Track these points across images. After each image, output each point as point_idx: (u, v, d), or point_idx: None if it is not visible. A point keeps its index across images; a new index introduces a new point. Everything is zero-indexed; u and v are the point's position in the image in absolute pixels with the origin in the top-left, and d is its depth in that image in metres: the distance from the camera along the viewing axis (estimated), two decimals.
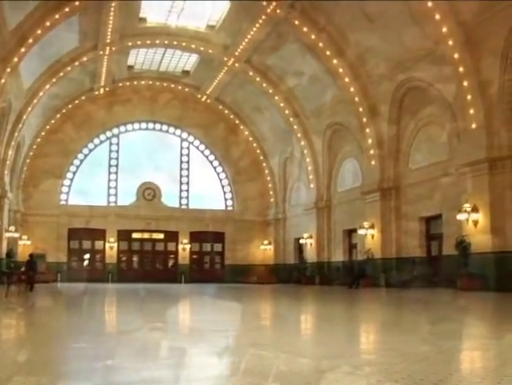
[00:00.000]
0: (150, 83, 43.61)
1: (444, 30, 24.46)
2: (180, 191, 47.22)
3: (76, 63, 35.19)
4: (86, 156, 45.36)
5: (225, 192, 48.08)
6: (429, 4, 24.29)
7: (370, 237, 31.69)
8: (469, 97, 24.62)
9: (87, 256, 45.33)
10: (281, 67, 36.32)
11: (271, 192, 46.82)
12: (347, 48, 30.64)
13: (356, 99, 32.02)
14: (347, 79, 31.87)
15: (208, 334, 8.59)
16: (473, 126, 24.60)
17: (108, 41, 34.03)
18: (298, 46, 32.27)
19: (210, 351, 6.80)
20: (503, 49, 22.68)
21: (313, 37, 30.85)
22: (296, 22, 30.52)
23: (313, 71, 33.70)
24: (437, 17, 24.36)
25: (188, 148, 47.64)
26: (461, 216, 24.44)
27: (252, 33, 33.17)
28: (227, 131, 46.46)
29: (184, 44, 36.29)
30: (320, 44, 31.00)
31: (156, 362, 5.93)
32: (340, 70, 31.70)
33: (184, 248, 46.20)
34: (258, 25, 32.14)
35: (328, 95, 34.46)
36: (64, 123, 43.17)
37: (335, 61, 31.38)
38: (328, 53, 31.21)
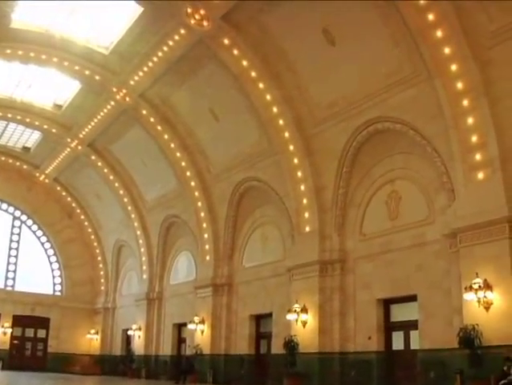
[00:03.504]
0: None
1: (287, 135, 25.08)
2: (7, 271, 43.81)
3: None
4: None
5: (54, 276, 45.41)
6: (274, 110, 24.95)
7: (199, 332, 30.76)
8: (304, 201, 25.11)
9: None
10: (124, 154, 35.49)
11: (102, 280, 44.97)
12: (191, 143, 30.56)
13: (196, 193, 31.74)
14: (188, 173, 31.63)
15: None
16: (307, 229, 25.02)
17: None
18: (144, 135, 31.76)
19: None
20: (339, 158, 23.55)
21: (159, 128, 30.54)
22: (144, 112, 30.21)
23: (156, 162, 33.17)
24: (281, 122, 25.01)
25: (19, 227, 44.79)
26: (290, 317, 24.30)
27: (99, 117, 32.52)
28: (63, 213, 44.46)
29: (27, 120, 34.64)
30: (165, 136, 30.70)
31: None
32: (183, 164, 31.48)
33: (5, 332, 42.33)
34: (105, 110, 31.59)
35: (169, 186, 33.95)
36: None
37: (178, 154, 31.14)
38: (172, 145, 30.93)
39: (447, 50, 17.92)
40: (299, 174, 25.09)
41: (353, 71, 21.54)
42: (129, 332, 38.93)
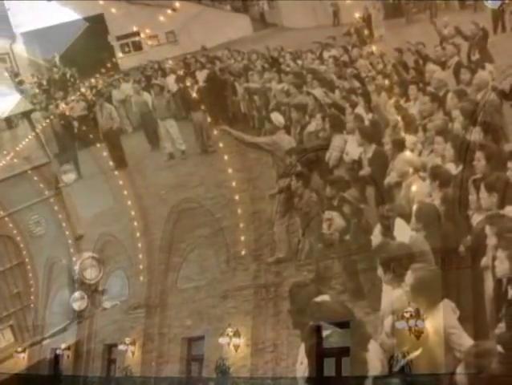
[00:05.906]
0: None
1: (226, 158, 25.02)
2: None
3: None
4: None
5: None
6: (215, 132, 24.91)
7: (130, 353, 30.01)
8: (241, 224, 25.04)
9: None
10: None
11: (32, 297, 43.66)
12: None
13: (132, 213, 31.23)
14: (125, 192, 31.08)
15: None
16: (243, 252, 24.90)
17: None
18: (82, 151, 31.22)
19: None
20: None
21: (98, 145, 30.11)
22: (84, 128, 29.71)
23: (93, 179, 32.60)
24: (221, 145, 24.93)
25: None
26: (222, 340, 23.97)
27: (37, 130, 31.80)
28: None
29: None
30: (104, 154, 30.30)
31: None
32: (120, 182, 30.96)
33: None
34: (44, 124, 30.91)
35: (105, 204, 33.28)
36: None
37: (116, 172, 30.70)
38: (111, 164, 30.53)
39: None
40: (237, 198, 25.02)
41: None
42: (58, 351, 37.78)
